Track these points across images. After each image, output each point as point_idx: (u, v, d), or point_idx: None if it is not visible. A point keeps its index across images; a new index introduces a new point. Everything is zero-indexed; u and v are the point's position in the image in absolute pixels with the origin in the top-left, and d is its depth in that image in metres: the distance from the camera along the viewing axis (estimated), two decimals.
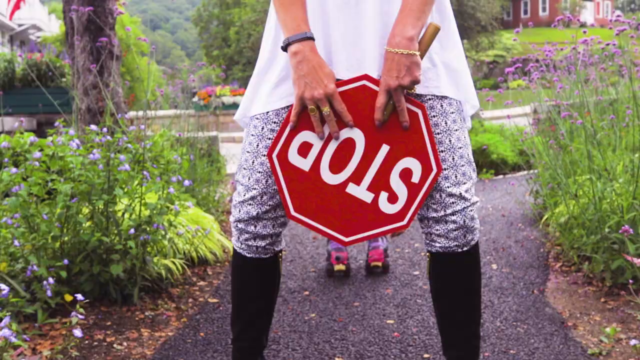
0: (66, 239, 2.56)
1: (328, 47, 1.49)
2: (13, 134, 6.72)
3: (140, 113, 6.42)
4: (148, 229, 2.63)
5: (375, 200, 1.49)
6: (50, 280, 2.24)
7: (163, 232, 2.74)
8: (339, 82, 1.46)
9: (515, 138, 6.53)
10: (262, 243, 1.58)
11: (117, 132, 2.96)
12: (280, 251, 1.65)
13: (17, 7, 9.80)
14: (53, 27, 41.39)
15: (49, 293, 2.28)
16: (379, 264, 3.07)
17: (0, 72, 8.50)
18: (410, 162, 1.47)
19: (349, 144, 1.47)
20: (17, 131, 3.74)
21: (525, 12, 54.95)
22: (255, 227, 1.56)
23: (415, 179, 1.48)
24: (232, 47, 41.85)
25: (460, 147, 1.52)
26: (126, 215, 2.73)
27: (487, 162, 6.68)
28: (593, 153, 3.42)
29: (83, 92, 4.86)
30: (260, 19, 30.89)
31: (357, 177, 1.49)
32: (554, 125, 4.67)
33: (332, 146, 1.48)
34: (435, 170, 1.47)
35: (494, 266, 3.22)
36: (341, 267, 3.00)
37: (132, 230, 2.53)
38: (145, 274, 2.67)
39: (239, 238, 1.60)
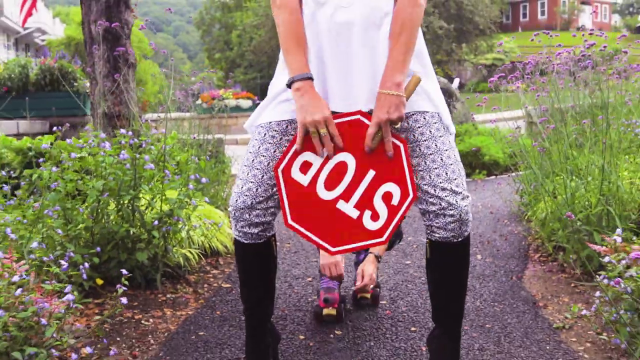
0: (97, 229, 2.90)
1: (324, 83, 1.83)
2: (31, 136, 7.09)
3: (150, 115, 6.75)
4: (169, 221, 2.97)
5: (360, 217, 1.81)
6: (86, 265, 2.58)
7: (182, 224, 3.08)
8: (337, 115, 1.80)
9: (507, 140, 6.87)
10: (255, 230, 1.90)
11: (141, 135, 3.29)
12: (273, 236, 1.97)
13: (29, 13, 10.09)
14: (57, 30, 41.81)
15: (84, 276, 2.61)
16: (367, 295, 2.75)
17: (15, 77, 8.84)
18: (392, 187, 1.80)
19: (342, 166, 1.80)
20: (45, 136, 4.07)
21: (524, 16, 55.24)
22: (249, 215, 1.88)
23: (395, 201, 1.79)
24: (234, 51, 42.16)
25: (446, 150, 1.83)
26: (149, 209, 3.06)
27: (479, 164, 7.02)
28: (568, 154, 3.77)
29: (99, 97, 5.19)
30: (262, 22, 31.19)
31: (346, 195, 1.81)
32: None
33: (328, 167, 1.81)
34: (411, 195, 1.78)
35: (479, 256, 3.56)
36: (331, 311, 2.58)
37: (156, 222, 2.88)
38: (167, 261, 3.01)
39: (236, 226, 1.93)
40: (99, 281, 2.79)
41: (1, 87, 8.88)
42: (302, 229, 1.83)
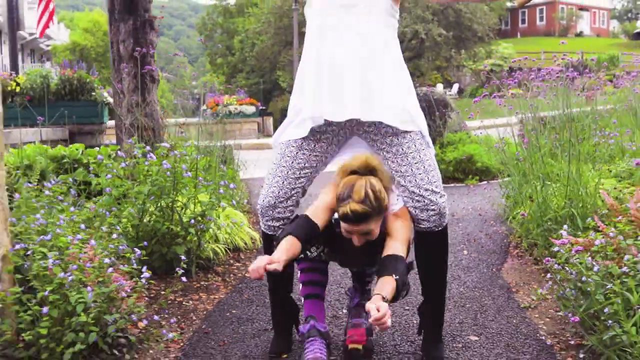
0: (142, 227, 3.45)
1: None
2: (50, 143, 7.64)
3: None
4: (202, 220, 3.52)
5: None
6: (137, 253, 3.12)
7: (212, 223, 3.63)
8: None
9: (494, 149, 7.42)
10: (277, 224, 2.45)
11: (178, 147, 3.84)
12: None
13: (46, 26, 10.67)
14: (62, 35, 42.38)
15: (134, 265, 3.15)
16: (359, 346, 2.38)
17: (36, 87, 9.39)
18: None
19: None
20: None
21: (523, 22, 55.83)
22: (273, 212, 2.44)
23: None
24: (236, 56, 42.74)
25: (427, 160, 2.39)
26: (184, 210, 3.61)
27: (472, 170, 7.57)
28: (545, 162, 4.32)
29: (127, 110, 5.74)
30: (265, 29, 31.74)
31: None
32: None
33: None
34: None
35: (465, 252, 4.12)
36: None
37: (192, 221, 3.43)
38: (200, 254, 3.56)
39: (263, 220, 2.50)
40: (148, 271, 3.34)
41: (24, 96, 9.43)
42: None
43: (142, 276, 2.54)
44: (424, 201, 2.33)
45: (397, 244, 2.27)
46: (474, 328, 2.75)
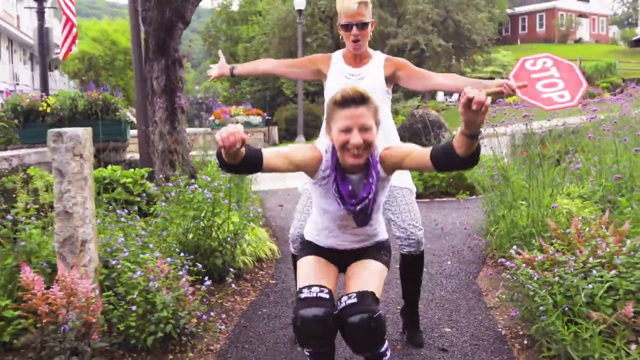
0: (187, 243, 4.31)
1: None
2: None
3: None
4: (235, 237, 4.38)
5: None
6: (199, 265, 3.97)
7: (243, 240, 4.50)
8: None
9: (488, 164, 8.27)
10: None
11: (216, 178, 4.70)
12: None
13: (69, 49, 11.48)
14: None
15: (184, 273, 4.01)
16: None
17: (66, 108, 10.26)
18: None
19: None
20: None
21: (523, 29, 56.68)
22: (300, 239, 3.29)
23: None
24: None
25: (411, 203, 3.24)
26: (221, 229, 4.48)
27: (463, 185, 8.42)
28: (516, 185, 5.17)
29: (159, 137, 6.61)
30: (269, 39, 32.58)
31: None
32: (527, 151, 6.35)
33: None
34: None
35: (449, 262, 4.98)
36: None
37: (228, 238, 4.29)
38: (233, 265, 4.43)
39: (292, 246, 3.32)
40: (192, 277, 4.20)
41: (54, 116, 10.30)
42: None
43: (204, 284, 3.40)
44: (407, 233, 3.19)
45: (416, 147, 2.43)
46: (448, 322, 3.61)
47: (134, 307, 3.14)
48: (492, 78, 34.52)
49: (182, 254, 3.78)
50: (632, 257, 3.28)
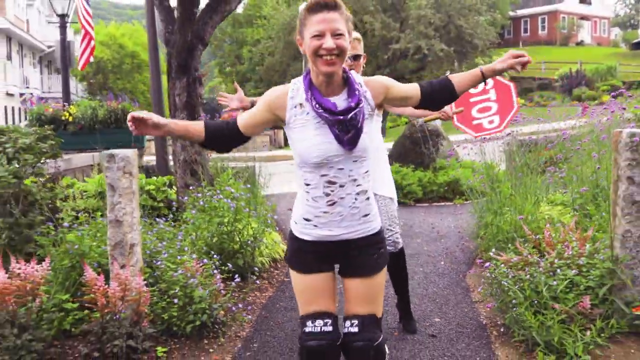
0: (213, 245, 4.95)
1: None
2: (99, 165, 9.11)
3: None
4: (255, 241, 5.02)
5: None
6: (230, 265, 4.61)
7: (262, 244, 5.14)
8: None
9: (485, 171, 8.89)
10: None
11: (238, 189, 5.35)
12: None
13: (87, 60, 12.14)
14: (78, 47, 44.09)
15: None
16: None
17: (87, 117, 10.92)
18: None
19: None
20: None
21: (525, 31, 57.21)
22: None
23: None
24: (245, 65, 44.30)
25: (391, 211, 3.84)
26: (242, 233, 5.11)
27: (459, 191, 9.05)
28: (503, 193, 5.80)
29: (181, 149, 7.24)
30: (275, 44, 33.21)
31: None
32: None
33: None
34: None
35: (442, 263, 5.61)
36: None
37: (249, 241, 4.93)
38: (253, 265, 5.07)
39: None
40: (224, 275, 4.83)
41: (76, 124, 10.97)
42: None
43: (234, 281, 4.04)
44: (387, 234, 3.81)
45: (403, 87, 2.47)
46: (438, 314, 4.25)
47: (175, 300, 3.78)
48: None
49: (214, 256, 4.41)
50: (592, 259, 3.92)
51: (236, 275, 4.17)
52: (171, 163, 9.47)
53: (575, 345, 3.43)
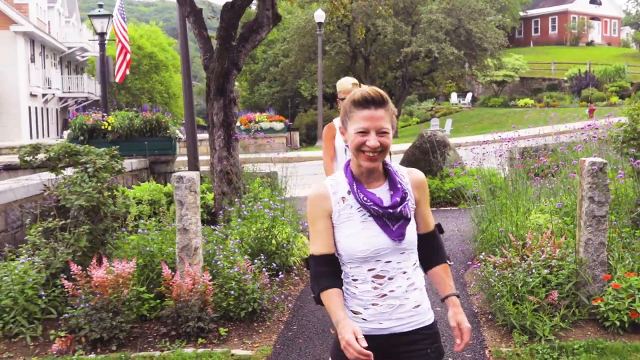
0: (254, 247, 5.98)
1: None
2: (134, 172, 10.21)
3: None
4: (289, 243, 6.05)
5: None
6: (274, 264, 5.62)
7: (294, 245, 6.17)
8: None
9: (487, 179, 9.89)
10: None
11: (272, 198, 6.38)
12: None
13: (124, 73, 13.22)
14: (98, 48, 45.28)
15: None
16: None
17: (124, 126, 11.97)
18: None
19: None
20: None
21: (536, 31, 57.89)
22: None
23: None
24: (259, 65, 45.35)
25: None
26: (277, 236, 6.14)
27: (464, 196, 10.04)
28: (500, 201, 6.80)
29: (218, 160, 8.28)
30: (289, 47, 34.23)
31: None
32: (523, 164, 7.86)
33: None
34: None
35: None
36: None
37: (284, 244, 5.96)
38: (287, 264, 6.10)
39: None
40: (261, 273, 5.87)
41: (114, 133, 12.03)
42: None
43: (278, 276, 5.09)
44: None
45: (428, 210, 2.40)
46: (439, 304, 5.26)
47: (232, 292, 4.83)
48: (504, 81, 35.73)
49: (261, 256, 5.45)
50: (562, 261, 4.93)
51: (280, 273, 5.23)
52: (202, 169, 10.53)
53: (544, 328, 4.45)
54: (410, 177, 2.36)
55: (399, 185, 2.29)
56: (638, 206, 5.62)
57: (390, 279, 2.25)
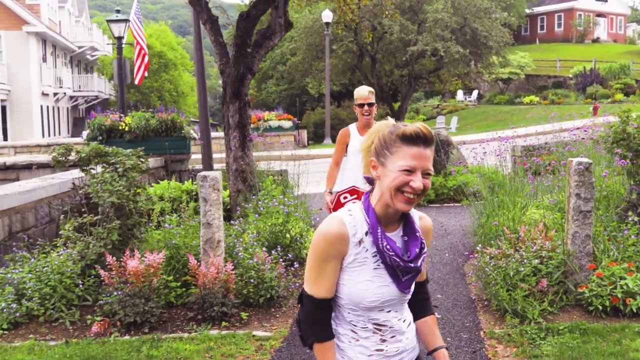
0: (270, 239, 6.47)
1: None
2: (152, 171, 10.73)
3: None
4: (301, 237, 6.55)
5: None
6: (290, 255, 6.11)
7: (306, 239, 6.67)
8: None
9: (488, 176, 10.35)
10: None
11: (287, 194, 6.87)
12: None
13: (143, 75, 13.74)
14: (108, 47, 45.84)
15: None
16: None
17: (141, 127, 12.48)
18: None
19: None
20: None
21: (542, 28, 58.11)
22: None
23: None
24: (266, 63, 45.82)
25: None
26: (290, 230, 6.64)
27: (466, 193, 10.52)
28: (500, 198, 7.28)
29: (233, 160, 8.79)
30: (298, 46, 34.71)
31: None
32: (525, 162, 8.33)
33: None
34: None
35: (447, 254, 7.11)
36: None
37: (297, 238, 6.46)
38: (300, 256, 6.60)
39: None
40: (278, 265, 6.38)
41: (131, 133, 12.55)
42: None
43: (293, 266, 5.59)
44: None
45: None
46: (440, 292, 5.77)
47: (252, 280, 5.33)
48: (510, 79, 36.09)
49: (278, 248, 5.95)
50: (551, 252, 5.41)
51: (295, 263, 5.73)
52: (216, 166, 11.04)
53: (534, 312, 4.94)
54: (421, 223, 2.20)
55: (417, 234, 2.13)
56: (624, 202, 6.09)
57: (391, 327, 2.12)
